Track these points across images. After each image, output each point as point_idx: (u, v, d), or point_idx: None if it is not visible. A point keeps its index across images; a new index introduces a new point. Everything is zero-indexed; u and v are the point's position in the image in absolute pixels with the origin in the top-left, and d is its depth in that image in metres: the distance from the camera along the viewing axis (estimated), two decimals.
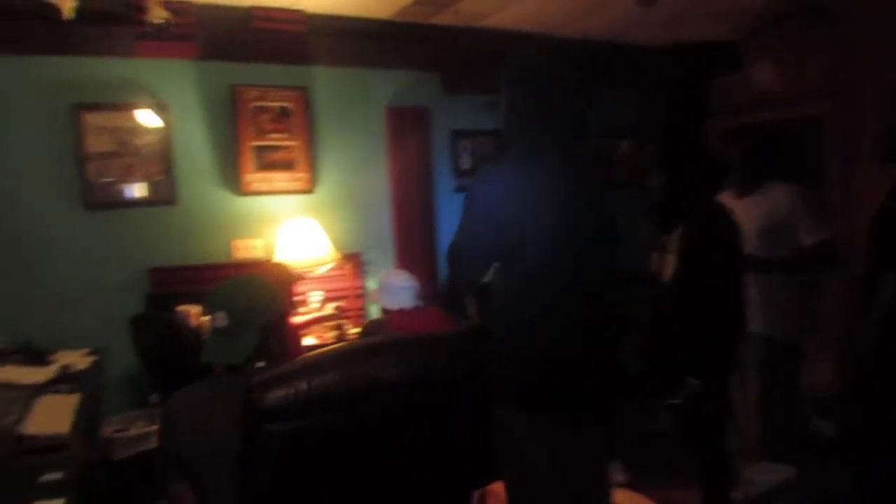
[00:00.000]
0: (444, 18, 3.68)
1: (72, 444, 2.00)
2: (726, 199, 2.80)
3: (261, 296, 1.72)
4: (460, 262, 1.84)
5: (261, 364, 1.71)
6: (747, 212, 2.78)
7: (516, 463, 1.78)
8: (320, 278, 3.80)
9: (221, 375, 1.71)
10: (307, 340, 3.48)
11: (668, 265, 2.56)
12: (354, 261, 3.98)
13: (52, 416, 2.19)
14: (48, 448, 1.96)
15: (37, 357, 2.85)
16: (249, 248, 3.75)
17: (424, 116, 4.21)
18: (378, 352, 1.54)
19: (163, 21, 2.90)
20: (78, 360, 2.92)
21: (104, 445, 3.07)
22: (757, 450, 2.97)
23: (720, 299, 2.37)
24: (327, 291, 3.79)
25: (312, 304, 3.69)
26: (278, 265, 3.25)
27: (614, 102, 4.47)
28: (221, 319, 1.66)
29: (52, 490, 1.69)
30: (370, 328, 2.79)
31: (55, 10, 2.45)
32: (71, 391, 2.50)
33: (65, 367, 2.75)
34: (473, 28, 3.86)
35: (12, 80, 3.25)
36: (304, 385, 1.40)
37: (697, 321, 2.37)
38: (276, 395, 1.37)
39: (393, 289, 2.82)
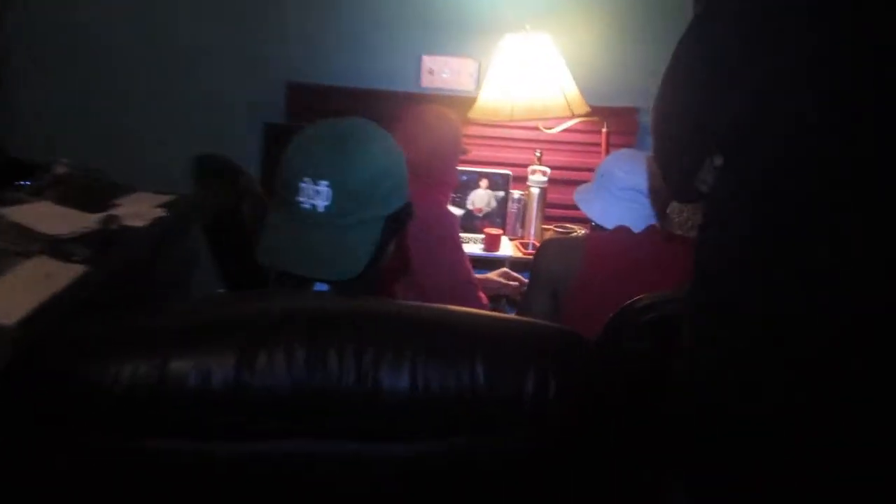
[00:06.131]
0: None
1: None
2: None
3: (392, 164, 0.95)
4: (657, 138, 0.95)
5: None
6: None
7: None
8: (555, 141, 2.35)
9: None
10: None
11: None
12: (620, 119, 2.34)
13: (7, 298, 1.38)
14: None
15: (95, 195, 1.95)
16: (449, 71, 2.43)
17: None
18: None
19: None
20: (145, 210, 1.94)
21: None
22: None
23: None
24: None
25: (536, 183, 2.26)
26: (440, 113, 1.90)
27: None
28: (320, 197, 0.90)
29: None
30: (542, 260, 1.56)
31: None
32: (86, 261, 1.61)
33: (112, 219, 1.81)
34: None
35: None
36: (181, 365, 0.69)
37: None
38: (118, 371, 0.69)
39: (615, 183, 1.51)
